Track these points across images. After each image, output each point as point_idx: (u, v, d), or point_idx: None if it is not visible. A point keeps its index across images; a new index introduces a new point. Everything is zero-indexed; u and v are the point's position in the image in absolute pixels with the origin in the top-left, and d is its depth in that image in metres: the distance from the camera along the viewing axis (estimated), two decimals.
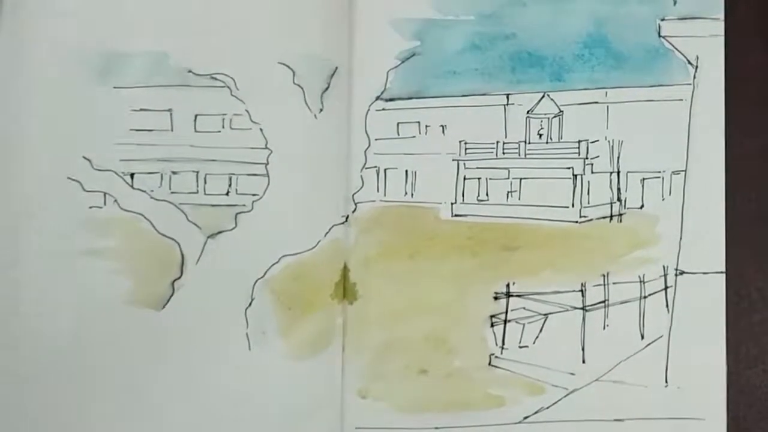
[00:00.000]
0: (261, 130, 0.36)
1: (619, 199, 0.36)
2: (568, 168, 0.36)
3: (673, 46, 0.36)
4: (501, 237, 0.36)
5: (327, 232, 0.36)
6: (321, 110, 0.36)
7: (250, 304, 0.36)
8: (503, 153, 0.36)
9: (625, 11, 0.36)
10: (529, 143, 0.36)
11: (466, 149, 0.37)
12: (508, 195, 0.36)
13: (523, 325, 0.36)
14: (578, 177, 0.36)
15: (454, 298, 0.36)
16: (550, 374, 0.36)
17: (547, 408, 0.36)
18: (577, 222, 0.36)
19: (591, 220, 0.36)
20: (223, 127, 0.37)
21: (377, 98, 0.37)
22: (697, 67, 0.36)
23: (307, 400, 0.35)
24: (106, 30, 0.37)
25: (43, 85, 0.36)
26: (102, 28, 0.37)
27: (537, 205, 0.36)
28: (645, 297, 0.36)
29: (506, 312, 0.36)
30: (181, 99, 0.36)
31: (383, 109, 0.37)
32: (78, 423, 0.35)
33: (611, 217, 0.36)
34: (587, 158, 0.36)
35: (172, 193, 0.36)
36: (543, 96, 0.36)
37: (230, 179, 0.36)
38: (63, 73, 0.36)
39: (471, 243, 0.36)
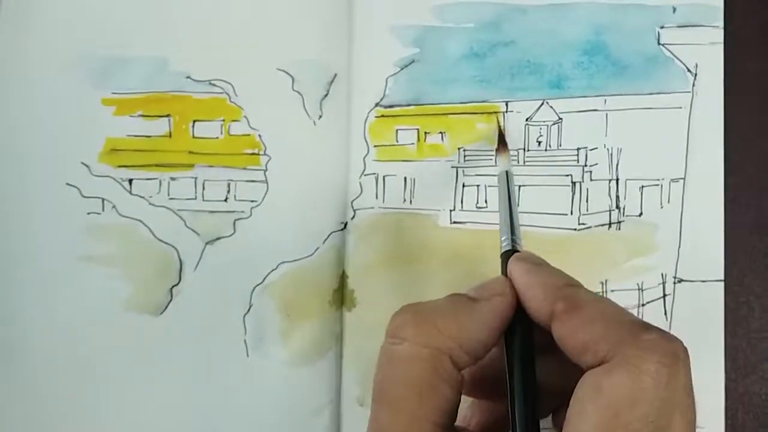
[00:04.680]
0: (260, 136, 0.36)
1: (617, 207, 0.36)
2: (567, 175, 0.36)
3: (672, 53, 0.36)
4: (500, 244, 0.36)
5: (326, 239, 0.36)
6: (320, 117, 0.36)
7: (248, 310, 0.36)
8: None
9: (624, 19, 0.36)
10: (528, 150, 0.36)
11: (464, 156, 0.36)
12: None
13: None
14: (577, 184, 0.36)
15: None
16: None
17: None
18: (575, 229, 0.36)
19: (590, 227, 0.36)
20: (222, 133, 0.37)
21: (376, 105, 0.37)
22: (696, 74, 0.36)
23: (305, 407, 0.35)
24: (105, 35, 0.37)
25: (41, 90, 0.36)
26: (101, 33, 0.37)
27: (536, 213, 0.36)
28: (643, 305, 0.36)
29: None
30: (180, 105, 0.36)
31: (382, 116, 0.37)
32: (76, 429, 0.35)
33: (610, 224, 0.36)
34: (586, 166, 0.36)
35: (171, 199, 0.36)
36: (542, 103, 0.36)
37: (228, 185, 0.36)
38: (61, 78, 0.36)
39: (469, 250, 0.36)
